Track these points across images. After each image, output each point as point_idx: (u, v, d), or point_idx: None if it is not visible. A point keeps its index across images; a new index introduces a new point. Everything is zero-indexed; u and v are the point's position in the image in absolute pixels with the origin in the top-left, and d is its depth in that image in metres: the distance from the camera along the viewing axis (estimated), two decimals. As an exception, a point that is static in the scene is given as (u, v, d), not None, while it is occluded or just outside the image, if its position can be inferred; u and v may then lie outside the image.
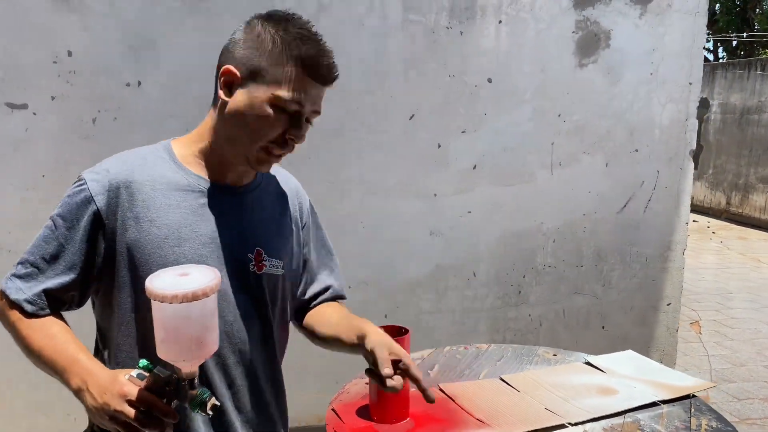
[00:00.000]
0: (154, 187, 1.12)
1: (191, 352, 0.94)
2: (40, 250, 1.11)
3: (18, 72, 2.37)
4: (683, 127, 3.02)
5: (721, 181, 10.64)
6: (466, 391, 1.63)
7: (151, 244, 1.10)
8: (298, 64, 1.08)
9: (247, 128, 1.10)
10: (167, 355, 0.95)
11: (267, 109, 1.08)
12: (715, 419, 1.55)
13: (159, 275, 0.96)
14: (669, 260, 3.14)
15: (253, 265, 1.20)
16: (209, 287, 0.93)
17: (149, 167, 1.14)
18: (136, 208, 1.11)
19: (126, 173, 1.12)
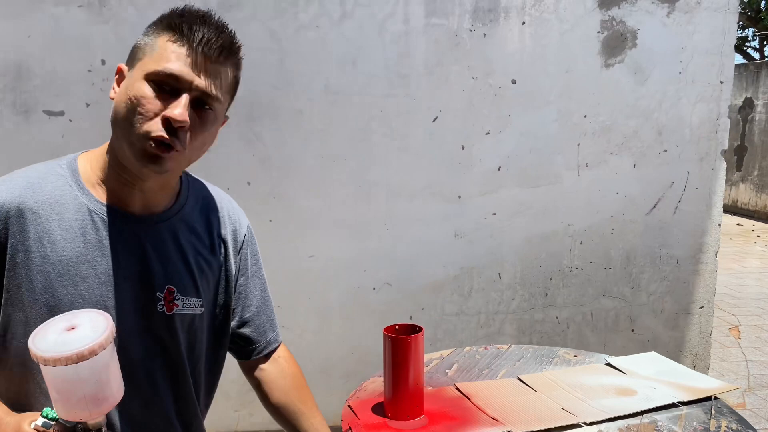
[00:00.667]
0: (49, 216, 0.99)
1: (89, 410, 0.88)
2: None
3: (55, 81, 2.48)
4: (714, 126, 2.96)
5: (766, 183, 10.33)
6: (482, 390, 1.64)
7: (43, 283, 0.98)
8: (167, 29, 0.98)
9: (125, 117, 0.96)
10: (66, 414, 0.88)
11: (140, 89, 0.96)
12: (736, 421, 1.53)
13: (42, 332, 0.87)
14: (701, 262, 3.08)
15: (162, 305, 1.07)
16: (98, 344, 0.85)
17: (46, 191, 1.00)
18: (28, 241, 0.97)
19: (16, 199, 0.98)
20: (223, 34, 1.00)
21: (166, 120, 0.95)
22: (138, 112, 0.95)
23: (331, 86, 2.66)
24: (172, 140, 0.96)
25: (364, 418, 1.49)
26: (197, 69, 0.97)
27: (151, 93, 0.95)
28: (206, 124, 1.01)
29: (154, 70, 0.95)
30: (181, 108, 0.95)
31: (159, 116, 0.95)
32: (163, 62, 0.96)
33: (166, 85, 0.96)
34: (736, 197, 11.01)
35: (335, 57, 2.64)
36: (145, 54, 0.98)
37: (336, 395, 1.62)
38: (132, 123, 0.95)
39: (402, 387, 1.46)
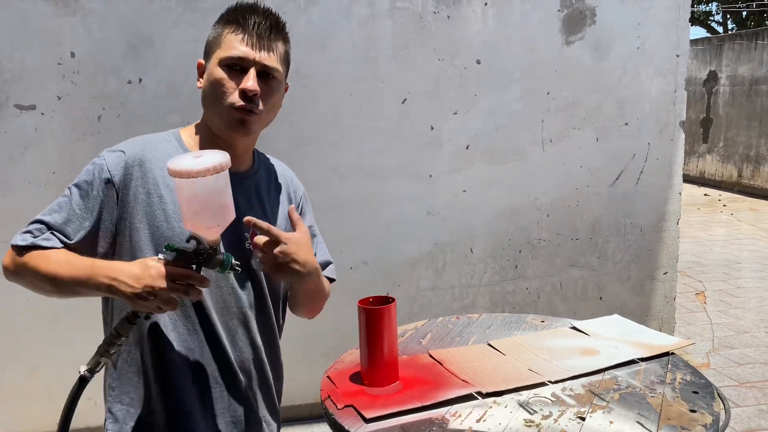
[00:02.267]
0: (163, 167, 1.21)
1: (219, 217, 1.10)
2: (53, 214, 1.22)
3: (25, 75, 2.49)
4: (672, 98, 3.07)
5: (732, 154, 10.58)
6: (454, 356, 1.73)
7: (160, 218, 1.22)
8: (226, 23, 1.23)
9: (212, 97, 1.23)
10: (198, 227, 1.09)
11: (218, 73, 1.21)
12: (690, 373, 1.63)
13: (176, 161, 1.07)
14: (663, 230, 3.20)
15: (249, 243, 1.30)
16: (226, 161, 1.08)
17: (160, 150, 1.25)
18: (148, 184, 1.22)
19: (140, 153, 1.24)
20: (270, 17, 1.24)
21: (242, 92, 1.20)
22: (220, 92, 1.21)
23: (300, 71, 2.70)
24: (250, 106, 1.21)
25: (342, 387, 1.57)
26: (256, 48, 1.21)
27: (226, 75, 1.21)
28: (272, 89, 1.25)
29: (224, 56, 1.20)
30: (251, 80, 1.20)
31: (236, 90, 1.21)
32: (229, 49, 1.21)
33: (236, 66, 1.21)
34: (703, 168, 11.27)
35: (304, 42, 2.69)
36: (216, 46, 1.23)
37: (317, 373, 1.68)
38: (218, 100, 1.22)
39: (377, 355, 1.54)
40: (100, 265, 1.15)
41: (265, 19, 1.23)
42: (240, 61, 1.21)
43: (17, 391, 2.70)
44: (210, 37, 1.26)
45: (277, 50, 1.25)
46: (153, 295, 1.08)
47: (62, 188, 2.71)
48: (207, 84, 1.24)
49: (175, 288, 1.09)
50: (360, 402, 1.47)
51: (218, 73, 1.21)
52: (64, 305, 2.63)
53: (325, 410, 1.50)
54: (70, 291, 1.18)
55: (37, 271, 1.18)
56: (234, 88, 1.21)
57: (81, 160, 2.72)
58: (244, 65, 1.21)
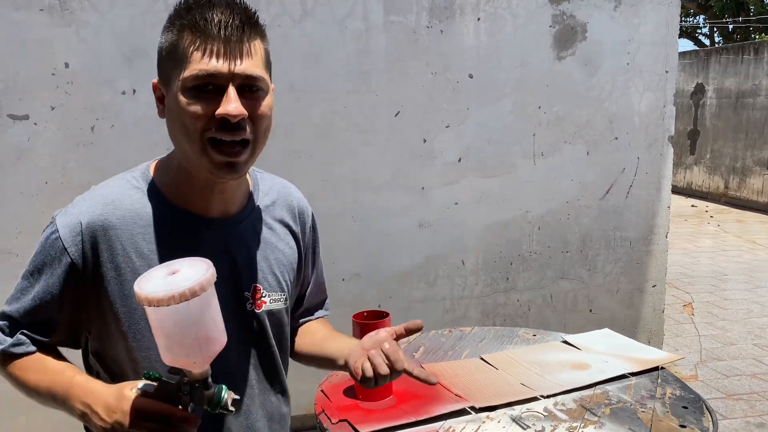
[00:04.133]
0: (132, 230, 0.99)
1: (200, 351, 0.87)
2: (18, 303, 1.02)
3: (18, 85, 2.49)
4: (661, 114, 3.12)
5: (718, 166, 10.69)
6: (447, 370, 1.74)
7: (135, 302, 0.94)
8: (186, 32, 0.93)
9: (182, 131, 0.93)
10: (175, 360, 0.88)
11: (183, 102, 0.92)
12: (680, 388, 1.66)
13: (147, 277, 0.87)
14: (652, 243, 3.24)
15: (251, 303, 1.08)
16: (205, 279, 0.85)
17: (126, 206, 1.00)
18: (117, 258, 0.98)
19: (101, 218, 0.98)
20: (238, 11, 0.93)
21: (223, 120, 0.91)
22: (192, 128, 0.92)
23: (294, 84, 2.72)
24: (238, 135, 0.93)
25: (336, 401, 1.58)
26: (228, 57, 0.91)
27: (196, 102, 0.91)
28: (261, 105, 0.96)
29: (188, 76, 0.91)
30: (232, 102, 0.91)
31: (211, 119, 0.92)
32: (194, 66, 0.91)
33: (206, 87, 0.92)
34: (691, 180, 11.37)
35: (298, 55, 2.71)
36: (174, 64, 0.93)
37: (309, 384, 1.69)
38: (191, 138, 0.93)
39: None
40: (79, 384, 0.97)
41: (232, 15, 0.92)
42: (211, 79, 0.91)
43: (5, 402, 2.67)
44: (162, 49, 0.96)
45: (254, 51, 0.95)
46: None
47: (55, 197, 2.71)
48: (173, 116, 0.95)
49: (151, 429, 0.88)
50: (354, 416, 1.48)
51: (185, 102, 0.91)
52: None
53: (319, 424, 1.51)
54: (50, 405, 1.02)
55: (14, 380, 1.03)
56: (208, 119, 0.91)
57: (73, 171, 2.73)
58: (218, 83, 0.91)
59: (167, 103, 0.96)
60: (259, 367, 1.12)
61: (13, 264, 2.50)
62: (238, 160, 0.95)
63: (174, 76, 0.93)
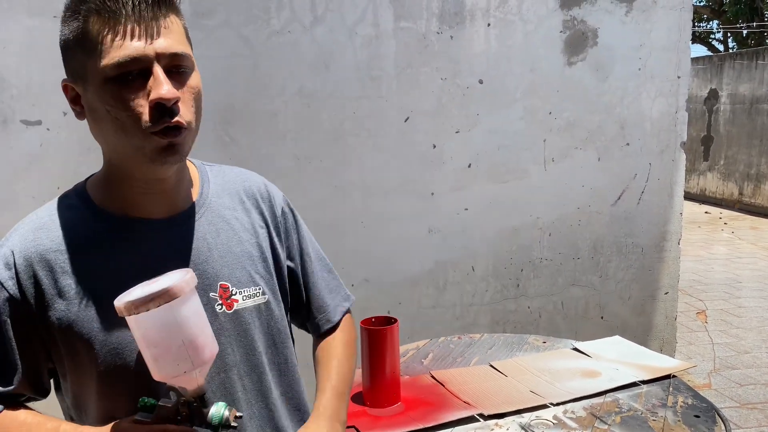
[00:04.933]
0: (71, 250, 0.91)
1: (189, 359, 0.83)
2: None
3: (31, 91, 2.51)
4: (673, 119, 3.09)
5: (732, 172, 10.60)
6: (456, 377, 1.73)
7: (89, 321, 0.91)
8: (93, 17, 0.84)
9: (113, 127, 0.87)
10: (165, 372, 0.84)
11: (108, 94, 0.85)
12: (692, 397, 1.64)
13: (125, 294, 0.84)
14: (665, 250, 3.21)
15: (220, 305, 0.99)
16: (185, 281, 0.82)
17: (59, 226, 0.93)
18: (59, 283, 0.90)
19: (33, 243, 0.91)
20: None
21: (156, 105, 0.84)
22: (124, 119, 0.85)
23: (304, 89, 2.73)
24: (175, 121, 0.86)
25: (344, 407, 1.57)
26: (147, 37, 0.83)
27: (122, 93, 0.84)
28: (190, 84, 0.90)
29: (109, 65, 0.82)
30: (164, 85, 0.84)
31: (145, 107, 0.85)
32: (113, 54, 0.82)
33: (130, 75, 0.84)
34: (704, 186, 11.28)
35: (308, 61, 2.71)
36: (86, 56, 0.85)
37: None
38: (125, 132, 0.86)
39: (379, 376, 1.54)
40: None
41: None
42: (135, 64, 0.83)
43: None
44: (67, 41, 0.86)
45: (174, 27, 0.87)
46: None
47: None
48: (98, 114, 0.87)
49: None
50: (362, 423, 1.47)
51: (108, 92, 0.84)
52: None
53: (327, 431, 1.50)
54: None
55: None
56: (142, 106, 0.84)
57: (84, 176, 2.73)
58: (143, 66, 0.84)
59: (86, 102, 0.88)
60: (246, 376, 1.02)
61: (25, 268, 2.52)
62: (178, 140, 0.88)
63: (89, 69, 0.85)
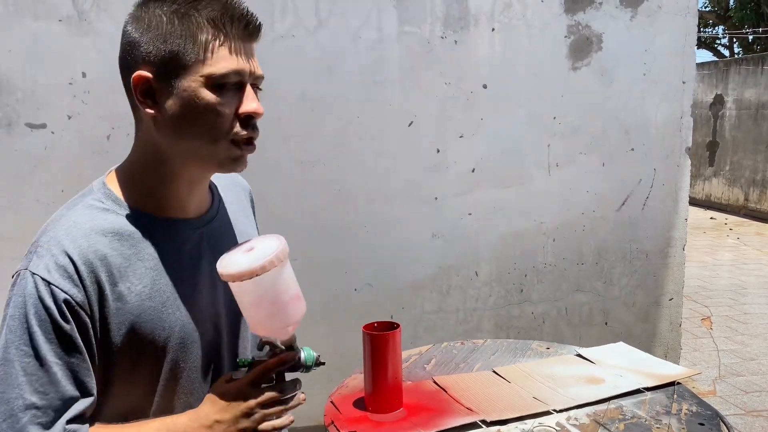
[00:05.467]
0: (123, 253, 0.93)
1: (295, 311, 0.98)
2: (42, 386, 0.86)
3: (36, 94, 2.52)
4: (678, 125, 3.08)
5: (738, 177, 10.56)
6: (458, 383, 1.72)
7: (151, 317, 0.95)
8: (210, 28, 0.91)
9: (201, 128, 0.92)
10: (276, 326, 0.96)
11: (208, 97, 0.91)
12: (697, 404, 1.62)
13: (227, 260, 0.93)
14: (669, 256, 3.19)
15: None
16: (284, 244, 0.94)
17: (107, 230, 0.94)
18: (117, 285, 0.92)
19: (90, 248, 0.91)
20: (249, 12, 0.95)
21: (246, 117, 0.94)
22: (216, 123, 0.92)
23: (308, 93, 2.73)
24: (254, 134, 0.96)
25: (345, 413, 1.56)
26: (247, 57, 0.94)
27: (219, 98, 0.91)
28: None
29: (215, 73, 0.90)
30: (255, 101, 0.94)
31: (234, 118, 0.93)
32: (221, 63, 0.90)
33: (227, 85, 0.92)
34: (710, 192, 11.24)
35: (311, 65, 2.71)
36: (189, 58, 0.90)
37: (319, 394, 1.68)
38: (214, 137, 0.93)
39: (381, 381, 1.53)
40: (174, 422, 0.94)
41: (247, 15, 0.94)
42: (235, 77, 0.92)
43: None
44: (165, 41, 0.90)
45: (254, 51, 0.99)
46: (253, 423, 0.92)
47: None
48: (183, 111, 0.91)
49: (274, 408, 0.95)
50: (364, 429, 1.46)
51: (208, 96, 0.90)
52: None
53: (328, 437, 1.50)
54: None
55: None
56: (231, 116, 0.92)
57: (89, 179, 2.73)
58: (239, 81, 0.93)
59: (169, 100, 0.91)
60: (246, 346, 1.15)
61: (29, 271, 2.52)
62: (248, 154, 0.98)
63: (190, 70, 0.90)
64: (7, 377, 0.84)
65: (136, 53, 0.92)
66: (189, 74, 0.90)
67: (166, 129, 0.93)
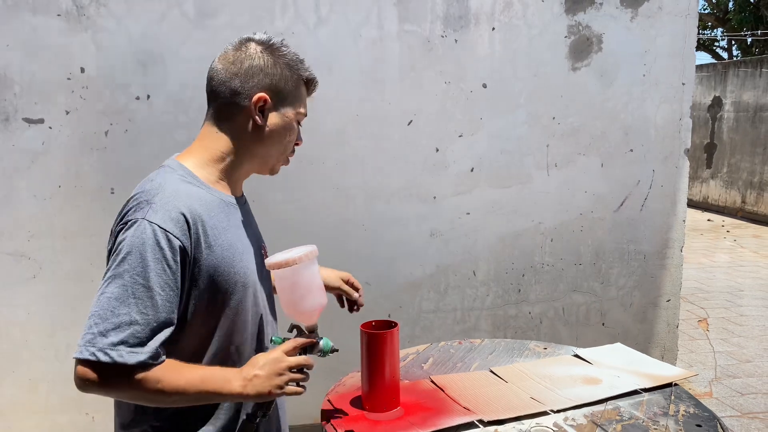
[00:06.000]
0: (211, 214, 1.23)
1: (318, 298, 1.28)
2: (145, 309, 1.11)
3: (34, 89, 2.51)
4: (677, 126, 3.08)
5: (735, 180, 10.58)
6: (456, 382, 1.72)
7: (227, 264, 1.24)
8: (304, 84, 1.35)
9: (281, 144, 1.34)
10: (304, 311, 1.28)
11: (295, 125, 1.34)
12: (694, 405, 1.62)
13: (272, 258, 1.26)
14: (667, 257, 3.20)
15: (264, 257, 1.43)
16: (314, 250, 1.29)
17: (198, 197, 1.23)
18: (208, 238, 1.20)
19: (191, 208, 1.19)
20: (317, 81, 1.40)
21: (295, 145, 1.39)
22: (291, 144, 1.37)
23: (307, 91, 2.71)
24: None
25: (342, 412, 1.56)
26: None
27: (295, 128, 1.35)
28: None
29: (302, 113, 1.35)
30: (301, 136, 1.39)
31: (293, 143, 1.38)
32: (304, 108, 1.36)
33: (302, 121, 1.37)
34: (707, 194, 11.26)
35: (311, 62, 2.67)
36: (295, 98, 1.32)
37: (316, 393, 1.68)
38: (285, 149, 1.36)
39: (378, 380, 1.53)
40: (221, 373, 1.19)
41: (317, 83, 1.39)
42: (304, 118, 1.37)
43: (15, 405, 2.68)
44: (284, 82, 1.31)
45: None
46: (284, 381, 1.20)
47: (67, 200, 2.70)
48: (279, 129, 1.32)
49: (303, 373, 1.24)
50: (360, 428, 1.46)
51: (296, 126, 1.34)
52: (63, 320, 2.63)
53: (325, 435, 1.49)
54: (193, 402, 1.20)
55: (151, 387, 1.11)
56: (294, 141, 1.37)
57: (87, 175, 2.75)
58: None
59: (279, 119, 1.31)
60: (275, 312, 1.46)
61: (26, 266, 2.51)
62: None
63: (293, 106, 1.32)
64: (121, 296, 1.10)
65: (262, 78, 1.28)
66: (292, 107, 1.32)
67: (260, 135, 1.30)
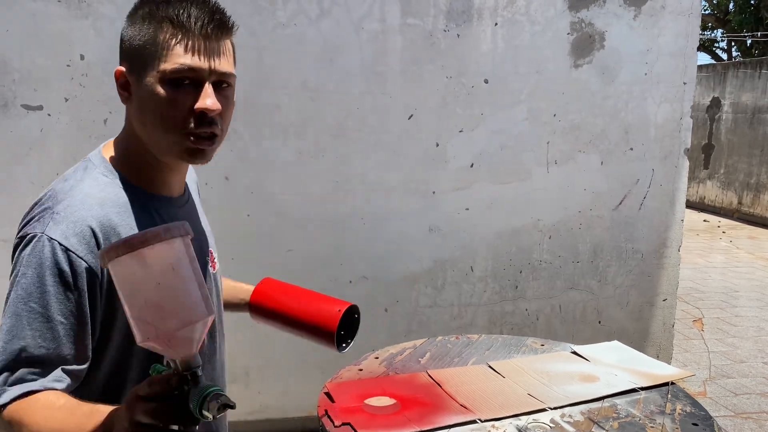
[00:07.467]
0: (128, 223, 1.01)
1: (177, 315, 0.76)
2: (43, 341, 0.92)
3: (33, 75, 2.49)
4: (678, 125, 3.08)
5: (732, 181, 10.60)
6: (453, 377, 1.71)
7: None
8: (167, 26, 0.96)
9: (156, 120, 0.98)
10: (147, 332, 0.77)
11: (162, 92, 0.96)
12: (690, 404, 1.62)
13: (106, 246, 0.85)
14: (664, 257, 3.20)
15: (210, 266, 1.20)
16: (161, 229, 0.76)
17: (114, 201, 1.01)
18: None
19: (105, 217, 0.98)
20: (214, 9, 0.99)
21: (201, 114, 0.97)
22: (169, 116, 0.97)
23: (308, 83, 2.71)
24: (211, 130, 0.99)
25: (339, 403, 1.56)
26: (207, 54, 0.97)
27: (175, 93, 0.96)
28: (229, 99, 1.04)
29: (170, 69, 0.96)
30: (210, 98, 0.97)
31: (189, 112, 0.97)
32: (175, 59, 0.96)
33: (185, 80, 0.97)
34: (704, 194, 11.28)
35: (312, 54, 2.69)
36: (151, 54, 0.97)
37: (313, 386, 1.68)
38: (167, 127, 0.98)
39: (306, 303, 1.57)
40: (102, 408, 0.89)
41: (211, 14, 0.98)
42: (190, 74, 0.96)
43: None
44: (136, 39, 0.98)
45: (227, 49, 1.01)
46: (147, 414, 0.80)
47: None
48: (146, 104, 0.98)
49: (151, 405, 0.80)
50: (357, 420, 1.46)
51: (162, 91, 0.96)
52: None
53: (322, 426, 1.49)
54: None
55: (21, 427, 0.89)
56: (186, 110, 0.97)
57: (85, 163, 2.72)
58: (196, 78, 0.97)
59: (136, 92, 1.00)
60: (221, 323, 1.26)
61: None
62: (210, 148, 1.02)
63: (150, 66, 0.97)
64: (14, 329, 0.91)
65: (120, 49, 1.02)
66: (151, 70, 0.97)
67: (135, 118, 1.02)
